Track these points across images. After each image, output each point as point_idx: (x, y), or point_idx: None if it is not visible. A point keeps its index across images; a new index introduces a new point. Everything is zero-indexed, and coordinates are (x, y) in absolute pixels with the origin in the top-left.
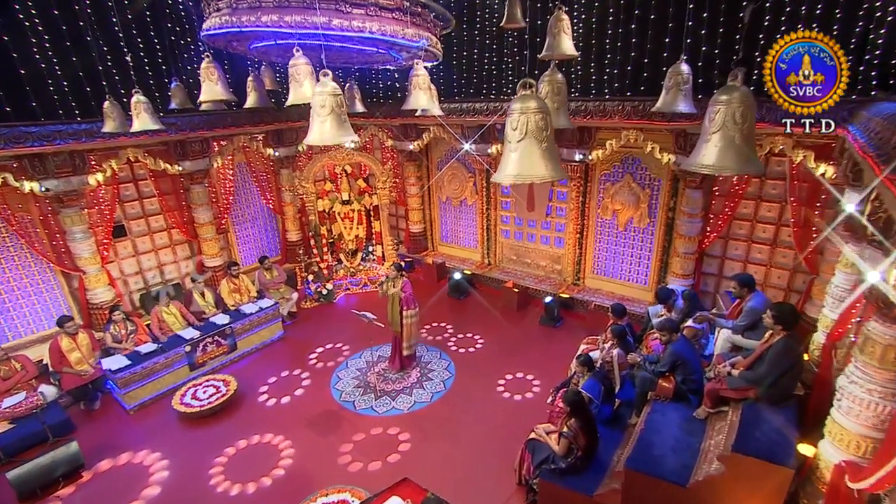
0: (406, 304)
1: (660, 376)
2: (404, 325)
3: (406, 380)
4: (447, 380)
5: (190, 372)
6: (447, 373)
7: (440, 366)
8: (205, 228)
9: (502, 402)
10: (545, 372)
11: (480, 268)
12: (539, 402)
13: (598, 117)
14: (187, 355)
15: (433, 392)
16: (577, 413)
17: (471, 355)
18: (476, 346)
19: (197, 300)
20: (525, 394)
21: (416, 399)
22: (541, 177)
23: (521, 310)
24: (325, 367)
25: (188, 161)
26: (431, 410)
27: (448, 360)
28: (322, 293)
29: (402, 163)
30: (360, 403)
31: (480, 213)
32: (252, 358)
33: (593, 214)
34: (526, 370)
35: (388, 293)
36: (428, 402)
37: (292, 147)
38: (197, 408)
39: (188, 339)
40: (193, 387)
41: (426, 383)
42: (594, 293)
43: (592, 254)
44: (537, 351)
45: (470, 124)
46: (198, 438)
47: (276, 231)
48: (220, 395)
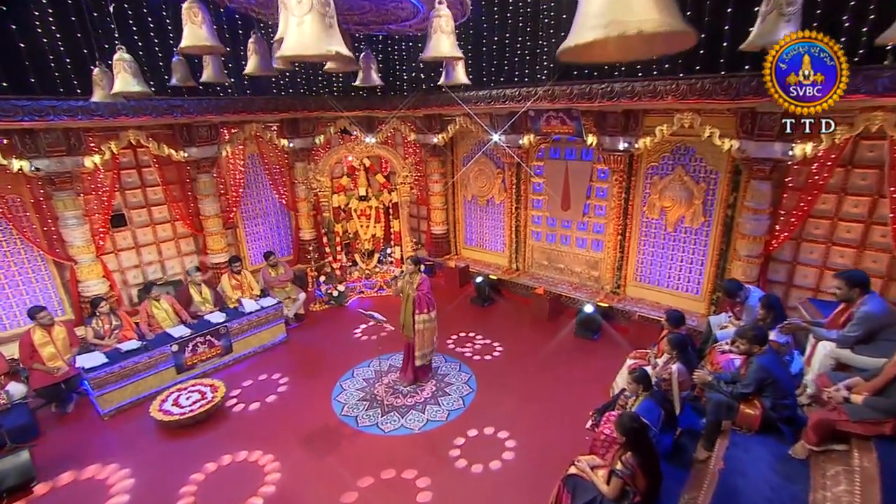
0: (419, 307)
1: (741, 399)
2: (416, 331)
3: (419, 394)
4: (467, 396)
5: (177, 375)
6: (467, 388)
7: (459, 379)
8: (211, 221)
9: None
10: (581, 391)
11: (507, 273)
12: (576, 427)
13: (647, 99)
14: (174, 356)
15: (450, 409)
16: (636, 445)
17: (495, 368)
18: (501, 359)
19: (193, 296)
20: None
21: (429, 417)
22: None
23: (553, 319)
24: (328, 376)
25: (195, 147)
26: (447, 431)
27: (468, 372)
28: (333, 295)
29: (425, 159)
30: (364, 419)
31: (509, 213)
32: (249, 362)
33: (637, 213)
34: (559, 388)
35: (402, 291)
36: (444, 420)
37: (309, 139)
38: (177, 416)
39: (177, 337)
40: (177, 392)
41: (442, 399)
42: (637, 303)
43: (635, 258)
44: (571, 366)
45: (500, 112)
46: (174, 452)
47: (288, 229)
48: (204, 402)
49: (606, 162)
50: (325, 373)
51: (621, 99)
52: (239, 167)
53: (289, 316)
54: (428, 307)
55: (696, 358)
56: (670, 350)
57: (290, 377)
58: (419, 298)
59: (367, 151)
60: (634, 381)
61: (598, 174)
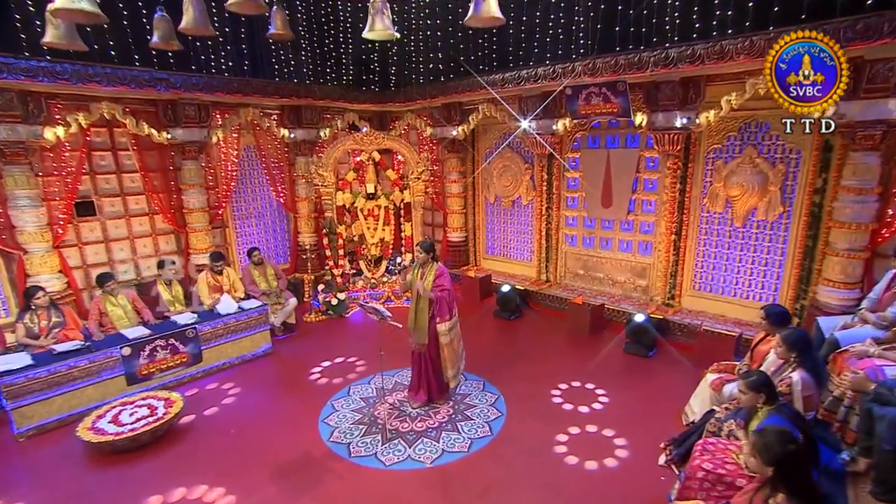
0: (440, 312)
1: None
2: (442, 346)
3: (431, 417)
4: (494, 421)
5: (127, 387)
6: (494, 411)
7: (483, 400)
8: (195, 216)
9: (577, 468)
10: (643, 418)
11: (536, 285)
12: (644, 465)
13: (712, 62)
14: (125, 361)
15: (473, 437)
16: (792, 479)
17: (528, 389)
18: (535, 378)
19: (162, 294)
20: (603, 458)
21: (445, 446)
22: None
23: (595, 334)
24: (317, 394)
25: (180, 129)
26: (469, 467)
27: (495, 392)
28: (331, 304)
29: (442, 157)
30: (358, 448)
31: (538, 215)
32: (224, 375)
33: (696, 207)
34: (611, 414)
35: (412, 286)
36: (465, 452)
37: (313, 130)
38: (111, 436)
39: (131, 339)
40: (121, 407)
41: (462, 424)
42: (696, 316)
43: (693, 262)
44: (625, 388)
45: (530, 93)
46: (103, 485)
47: (286, 233)
48: (153, 419)
49: (658, 145)
50: (315, 390)
51: (680, 65)
52: (232, 158)
53: (275, 324)
54: (450, 310)
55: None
56: (787, 352)
57: (270, 394)
58: (439, 300)
59: (376, 144)
60: (751, 388)
61: (646, 163)
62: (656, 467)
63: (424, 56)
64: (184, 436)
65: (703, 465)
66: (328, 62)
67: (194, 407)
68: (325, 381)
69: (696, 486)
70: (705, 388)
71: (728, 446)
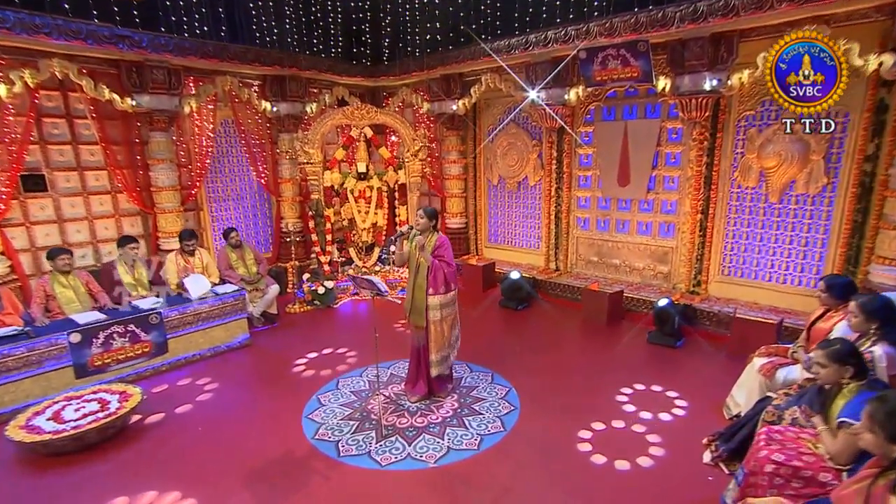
0: (434, 283)
1: None
2: (429, 321)
3: (434, 412)
4: (507, 415)
5: (76, 380)
6: (506, 404)
7: (493, 393)
8: (165, 195)
9: (606, 468)
10: (672, 415)
11: (545, 274)
12: (685, 463)
13: (749, 13)
14: (74, 350)
15: (483, 434)
16: None
17: (543, 382)
18: (549, 370)
19: (122, 276)
20: (635, 457)
21: (451, 444)
22: None
23: (613, 324)
24: (301, 388)
25: (147, 95)
26: (480, 466)
27: (505, 385)
28: (318, 293)
29: (441, 136)
30: (349, 446)
31: (547, 197)
32: (193, 368)
33: (725, 182)
34: (640, 407)
35: (412, 258)
36: (474, 449)
37: (298, 104)
38: (49, 435)
39: (82, 324)
40: (65, 402)
41: (470, 420)
42: (725, 304)
43: (722, 244)
44: (655, 380)
45: (540, 60)
46: (37, 493)
47: (268, 218)
48: (104, 415)
49: (685, 112)
50: (299, 384)
51: (710, 18)
52: (207, 132)
53: (254, 314)
54: (446, 283)
55: None
56: (865, 322)
57: (247, 388)
58: (434, 269)
59: (368, 118)
60: (834, 359)
61: (668, 135)
62: (700, 466)
63: (421, 25)
64: (142, 435)
65: (773, 458)
66: (314, 32)
67: (160, 404)
68: (310, 373)
69: (765, 483)
70: (752, 376)
71: (800, 434)
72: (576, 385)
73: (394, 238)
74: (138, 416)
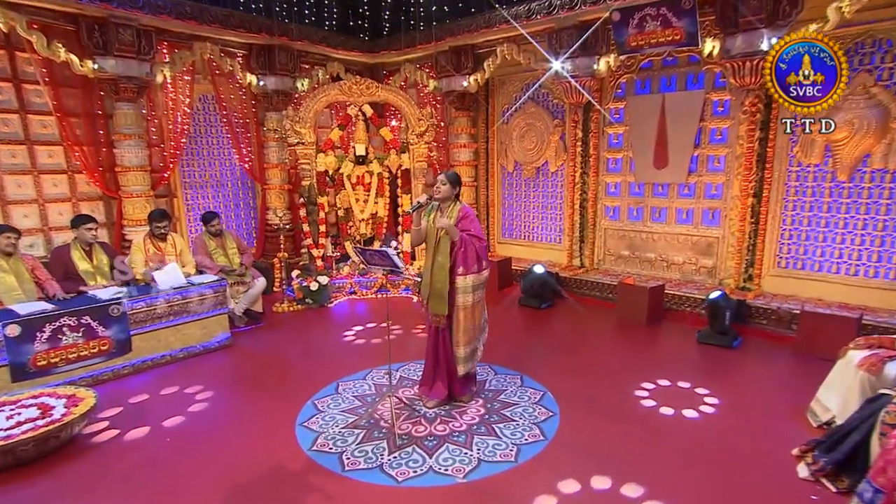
0: (464, 261)
1: None
2: (458, 307)
3: (456, 418)
4: (546, 422)
5: (12, 383)
6: (543, 410)
7: (525, 398)
8: (132, 177)
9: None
10: (750, 421)
11: (568, 271)
12: (766, 476)
13: None
14: (10, 346)
15: (520, 443)
16: None
17: (582, 385)
18: (588, 375)
19: (77, 262)
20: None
21: (482, 455)
22: None
23: (653, 323)
24: (294, 392)
25: (112, 59)
26: (519, 482)
27: (540, 388)
28: (310, 289)
29: (449, 117)
30: (355, 459)
31: (570, 185)
32: (162, 372)
33: (782, 158)
34: (703, 420)
35: (429, 234)
36: (511, 462)
37: (288, 79)
38: None
39: (22, 315)
40: None
41: (501, 427)
42: (784, 300)
43: (778, 231)
44: (716, 385)
45: (564, 25)
46: None
47: (252, 209)
48: (45, 423)
49: (737, 77)
50: (290, 388)
51: None
52: (183, 107)
53: (236, 312)
54: (479, 260)
55: None
56: None
57: (227, 393)
58: (464, 244)
59: (368, 95)
60: None
61: (713, 108)
62: (795, 481)
63: None
64: (96, 449)
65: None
66: (307, 2)
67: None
68: (304, 374)
69: None
70: (847, 374)
71: None
72: (620, 388)
73: (412, 209)
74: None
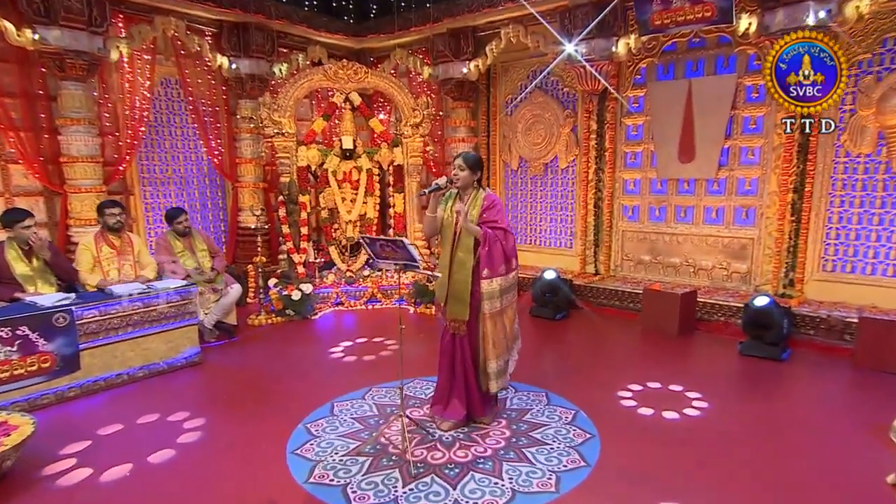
0: (490, 262)
1: None
2: (484, 317)
3: (479, 441)
4: (584, 444)
5: None
6: (579, 431)
7: (555, 417)
8: (80, 168)
9: None
10: (823, 444)
11: (582, 278)
12: None
13: None
14: None
15: (556, 470)
16: None
17: (619, 404)
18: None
19: (12, 264)
20: None
21: (515, 485)
22: None
23: (685, 334)
24: (281, 414)
25: (57, 29)
26: None
27: (571, 408)
28: (291, 299)
29: (446, 108)
30: (363, 492)
31: (583, 182)
32: (118, 392)
33: (827, 149)
34: (760, 436)
35: (446, 226)
36: (552, 492)
37: (264, 63)
38: None
39: None
40: None
41: (532, 451)
42: (832, 308)
43: (822, 231)
44: (772, 401)
45: (578, 2)
46: None
47: (221, 209)
48: None
49: None
50: (276, 411)
51: None
52: (142, 92)
53: (206, 324)
54: (507, 260)
55: None
56: None
57: (205, 417)
58: (489, 241)
59: (356, 81)
60: None
61: (746, 94)
62: None
63: None
64: (34, 486)
65: None
66: None
67: (65, 443)
68: (290, 395)
69: None
70: None
71: None
72: (663, 406)
73: (428, 191)
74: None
